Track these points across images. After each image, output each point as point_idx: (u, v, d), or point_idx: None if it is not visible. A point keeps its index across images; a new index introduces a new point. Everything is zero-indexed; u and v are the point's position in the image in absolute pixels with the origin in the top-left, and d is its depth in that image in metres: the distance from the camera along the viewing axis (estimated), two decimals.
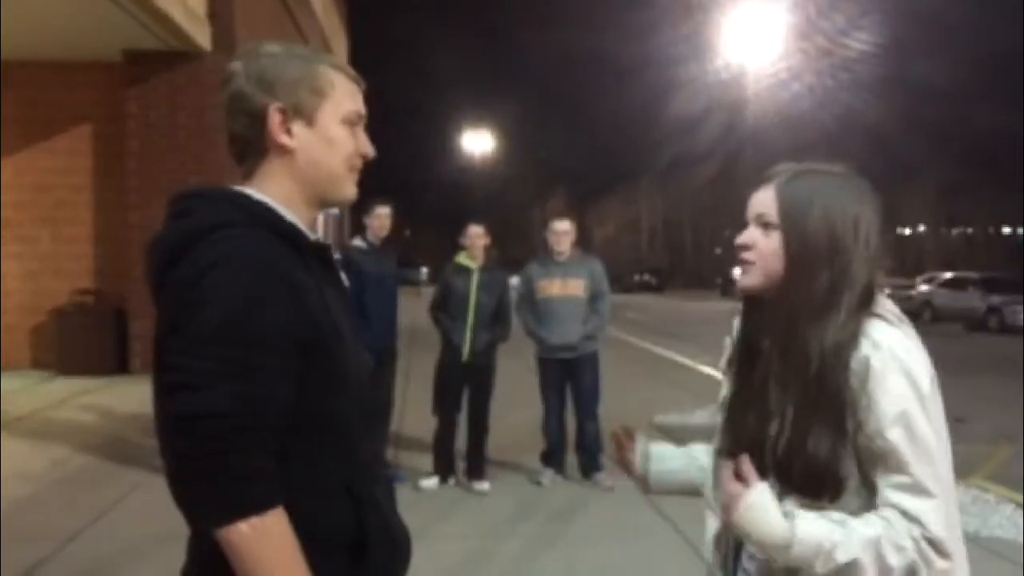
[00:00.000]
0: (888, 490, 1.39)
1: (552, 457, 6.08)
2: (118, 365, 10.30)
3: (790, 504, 1.44)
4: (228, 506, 1.23)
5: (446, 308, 5.98)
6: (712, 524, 1.67)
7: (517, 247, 69.81)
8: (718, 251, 69.02)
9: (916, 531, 1.36)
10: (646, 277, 56.19)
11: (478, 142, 58.23)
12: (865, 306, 1.46)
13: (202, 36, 10.08)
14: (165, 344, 1.29)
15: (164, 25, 9.12)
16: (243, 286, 1.27)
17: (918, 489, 1.37)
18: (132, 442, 6.72)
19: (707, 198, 65.55)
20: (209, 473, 1.23)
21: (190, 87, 10.29)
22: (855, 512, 1.41)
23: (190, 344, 1.25)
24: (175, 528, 1.40)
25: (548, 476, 6.01)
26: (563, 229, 6.00)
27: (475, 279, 5.88)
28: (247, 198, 1.40)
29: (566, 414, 6.15)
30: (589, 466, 6.06)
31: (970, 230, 56.64)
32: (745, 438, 1.53)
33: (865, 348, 1.41)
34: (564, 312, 5.92)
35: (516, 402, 7.08)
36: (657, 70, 78.73)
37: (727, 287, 49.10)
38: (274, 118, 1.40)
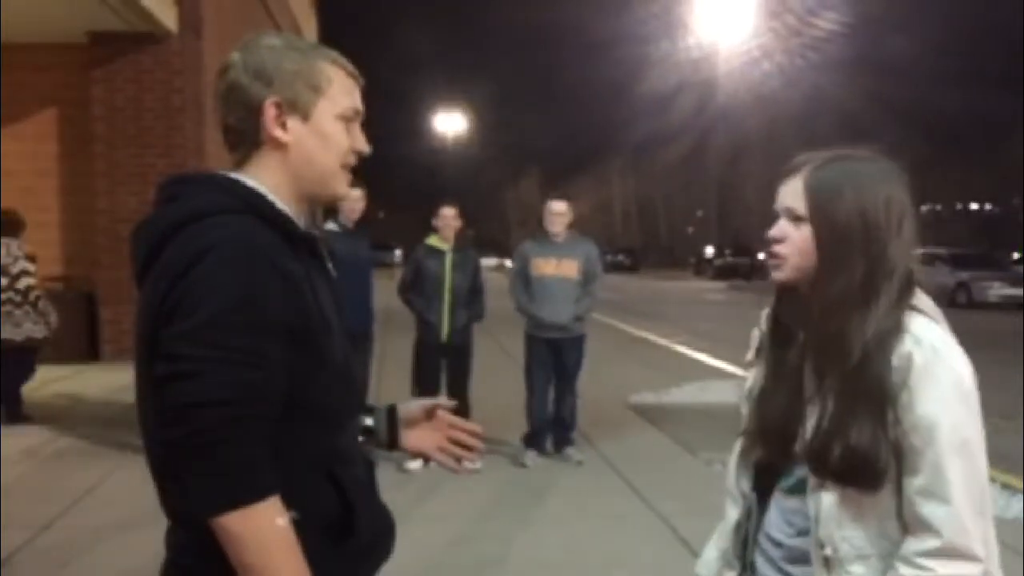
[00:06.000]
0: (911, 492, 1.38)
1: (535, 438, 6.12)
2: (89, 352, 10.18)
3: (827, 495, 1.43)
4: (228, 494, 1.22)
5: (419, 290, 6.01)
6: (732, 511, 1.66)
7: (492, 227, 69.74)
8: (690, 230, 69.40)
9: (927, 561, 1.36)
10: (620, 257, 56.25)
11: (450, 123, 58.05)
12: (906, 296, 1.44)
13: (168, 17, 9.90)
14: (156, 332, 1.27)
15: (130, 6, 8.95)
16: (239, 274, 1.26)
17: (940, 495, 1.35)
18: (105, 429, 6.66)
19: (680, 177, 65.73)
20: (208, 461, 1.22)
21: (156, 69, 10.11)
22: (889, 513, 1.40)
23: (187, 332, 1.23)
24: (149, 514, 1.40)
25: (531, 457, 6.04)
26: (559, 210, 6.03)
27: (448, 260, 5.94)
28: (240, 184, 1.39)
29: (549, 396, 6.18)
30: (561, 440, 6.14)
31: (938, 207, 57.23)
32: (773, 425, 1.54)
33: (907, 343, 1.38)
34: (557, 291, 5.96)
35: (494, 382, 7.10)
36: (629, 48, 78.77)
37: (700, 266, 49.52)
38: (269, 112, 1.39)
